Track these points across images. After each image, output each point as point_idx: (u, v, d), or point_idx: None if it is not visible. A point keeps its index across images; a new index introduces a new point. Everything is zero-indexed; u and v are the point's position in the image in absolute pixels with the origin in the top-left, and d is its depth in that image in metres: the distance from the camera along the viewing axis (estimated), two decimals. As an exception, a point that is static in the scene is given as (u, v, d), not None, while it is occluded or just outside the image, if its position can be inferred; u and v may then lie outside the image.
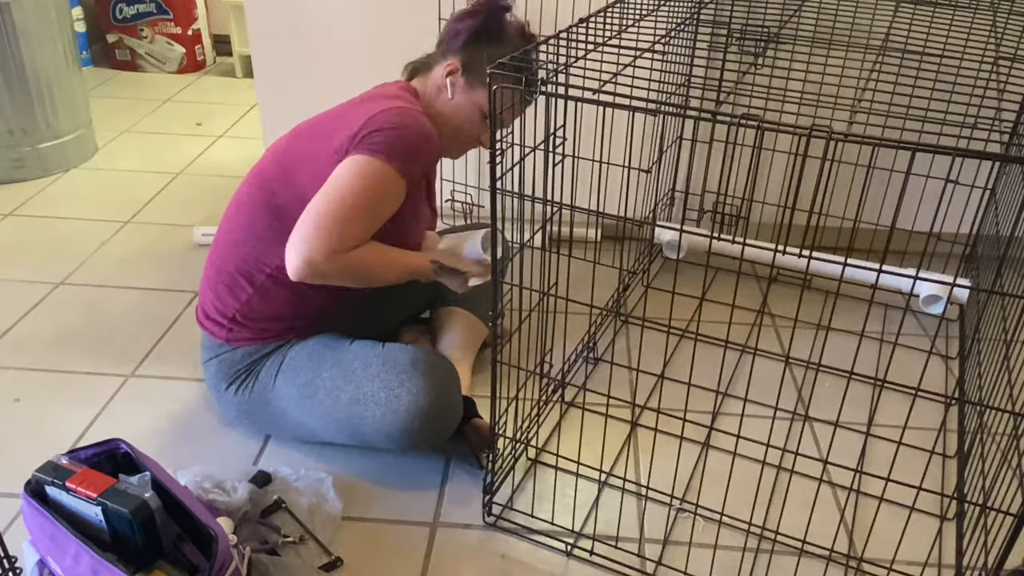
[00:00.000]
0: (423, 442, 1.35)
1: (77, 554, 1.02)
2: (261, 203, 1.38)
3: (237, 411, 1.47)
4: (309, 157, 1.34)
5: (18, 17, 2.41)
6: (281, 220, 1.36)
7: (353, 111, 1.35)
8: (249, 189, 1.41)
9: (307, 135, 1.38)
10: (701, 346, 1.85)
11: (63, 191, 2.51)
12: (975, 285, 1.97)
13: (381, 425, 1.33)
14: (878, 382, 1.75)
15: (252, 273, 1.40)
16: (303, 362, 1.40)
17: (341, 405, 1.36)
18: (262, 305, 1.41)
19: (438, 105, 1.43)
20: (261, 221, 1.37)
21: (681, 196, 2.25)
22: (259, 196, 1.38)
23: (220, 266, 1.43)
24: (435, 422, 1.33)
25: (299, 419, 1.41)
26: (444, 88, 1.42)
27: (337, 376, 1.36)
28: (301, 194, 1.33)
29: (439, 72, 1.43)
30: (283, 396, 1.41)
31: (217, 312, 1.43)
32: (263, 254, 1.38)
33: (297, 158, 1.36)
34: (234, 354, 1.43)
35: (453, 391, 1.36)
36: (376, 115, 1.30)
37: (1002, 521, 1.19)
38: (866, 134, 0.90)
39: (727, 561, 1.30)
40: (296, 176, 1.35)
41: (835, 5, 1.98)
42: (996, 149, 2.12)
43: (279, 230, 1.36)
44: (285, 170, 1.36)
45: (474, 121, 1.44)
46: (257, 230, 1.38)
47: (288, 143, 1.40)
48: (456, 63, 1.41)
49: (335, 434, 1.40)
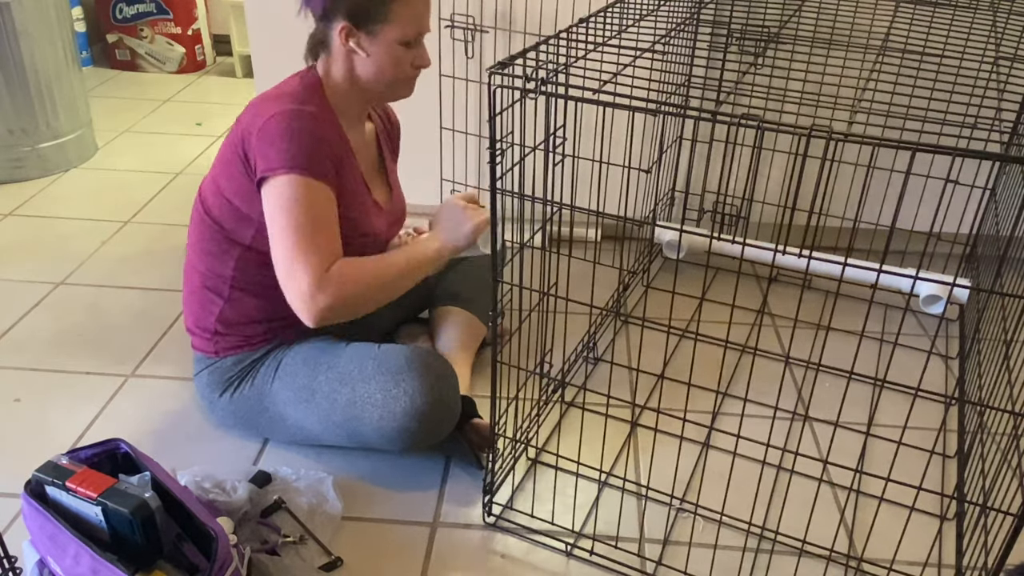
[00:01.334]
0: (421, 442, 1.35)
1: (77, 554, 1.02)
2: (199, 217, 1.41)
3: (233, 417, 1.47)
4: (223, 165, 1.37)
5: (18, 17, 2.41)
6: (218, 229, 1.39)
7: (247, 115, 1.35)
8: (194, 207, 1.44)
9: (224, 142, 1.41)
10: (701, 346, 1.85)
11: (63, 191, 2.51)
12: (975, 285, 1.97)
13: (379, 426, 1.33)
14: (878, 382, 1.75)
15: (216, 285, 1.42)
16: (299, 366, 1.40)
17: (338, 408, 1.36)
18: (236, 314, 1.43)
19: (359, 69, 1.37)
20: (204, 234, 1.41)
21: (681, 196, 2.25)
22: (197, 211, 1.42)
23: (189, 284, 1.47)
24: (433, 422, 1.33)
25: (297, 422, 1.42)
26: (353, 51, 1.35)
27: (333, 379, 1.36)
28: (227, 203, 1.36)
29: (337, 41, 1.35)
30: (280, 400, 1.41)
31: (198, 327, 1.46)
32: (217, 266, 1.41)
33: (216, 168, 1.39)
34: (223, 363, 1.45)
35: (450, 391, 1.36)
36: (260, 129, 1.30)
37: (1002, 521, 1.19)
38: (866, 134, 0.90)
39: (727, 561, 1.30)
40: (218, 181, 1.37)
41: (835, 5, 1.98)
42: (996, 149, 2.11)
43: (219, 239, 1.39)
44: (211, 182, 1.39)
45: (400, 60, 1.36)
46: (204, 244, 1.41)
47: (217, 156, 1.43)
48: (344, 23, 1.33)
49: (333, 436, 1.40)
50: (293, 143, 1.27)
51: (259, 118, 1.30)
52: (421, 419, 1.32)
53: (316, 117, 1.31)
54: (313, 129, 1.30)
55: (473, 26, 2.01)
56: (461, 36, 2.02)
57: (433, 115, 2.12)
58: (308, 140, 1.28)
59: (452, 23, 2.00)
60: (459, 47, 2.04)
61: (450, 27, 2.01)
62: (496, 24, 2.01)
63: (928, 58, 1.88)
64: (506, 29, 2.02)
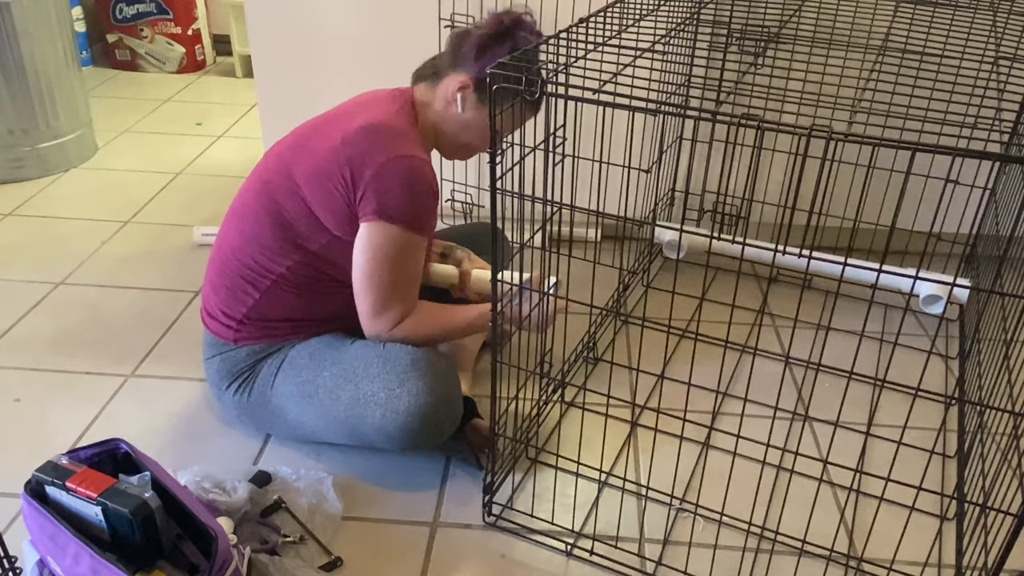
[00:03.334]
0: (424, 442, 1.35)
1: (77, 554, 1.02)
2: (265, 212, 1.38)
3: (237, 410, 1.47)
4: (314, 176, 1.35)
5: (18, 17, 2.41)
6: (287, 229, 1.38)
7: (362, 141, 1.33)
8: (252, 196, 1.41)
9: (308, 144, 1.38)
10: (701, 346, 1.85)
11: (63, 191, 2.51)
12: (975, 285, 1.97)
13: (381, 425, 1.33)
14: (878, 382, 1.75)
15: (256, 279, 1.40)
16: (304, 361, 1.40)
17: (341, 405, 1.36)
18: (269, 308, 1.41)
19: (445, 116, 1.42)
20: (266, 230, 1.38)
21: (681, 196, 2.25)
22: (263, 204, 1.39)
23: (223, 270, 1.43)
24: (435, 422, 1.33)
25: (298, 418, 1.42)
26: (453, 102, 1.40)
27: (337, 375, 1.36)
28: (308, 211, 1.36)
29: (450, 85, 1.39)
30: (282, 394, 1.41)
31: (223, 314, 1.44)
32: (268, 261, 1.39)
33: (302, 174, 1.36)
34: (238, 353, 1.43)
35: (453, 391, 1.36)
36: (381, 167, 1.30)
37: (1002, 521, 1.19)
38: (866, 134, 0.90)
39: (727, 561, 1.30)
40: (301, 192, 1.36)
41: (835, 5, 1.98)
42: (996, 149, 2.12)
43: (283, 238, 1.38)
44: (290, 183, 1.37)
45: (483, 137, 1.43)
46: (262, 238, 1.39)
47: (291, 152, 1.39)
48: (468, 79, 1.38)
49: (335, 434, 1.40)
50: (415, 203, 1.32)
51: (378, 154, 1.31)
52: (424, 419, 1.32)
53: (430, 168, 1.35)
54: (430, 185, 1.34)
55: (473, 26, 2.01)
56: (461, 36, 2.02)
57: (433, 115, 2.12)
58: (427, 199, 1.33)
59: (452, 23, 2.00)
60: (459, 47, 2.04)
61: (450, 27, 2.01)
62: (496, 24, 2.01)
63: (928, 58, 1.88)
64: (506, 29, 2.01)
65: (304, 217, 1.36)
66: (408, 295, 1.38)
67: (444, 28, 2.01)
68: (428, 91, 1.43)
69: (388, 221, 1.32)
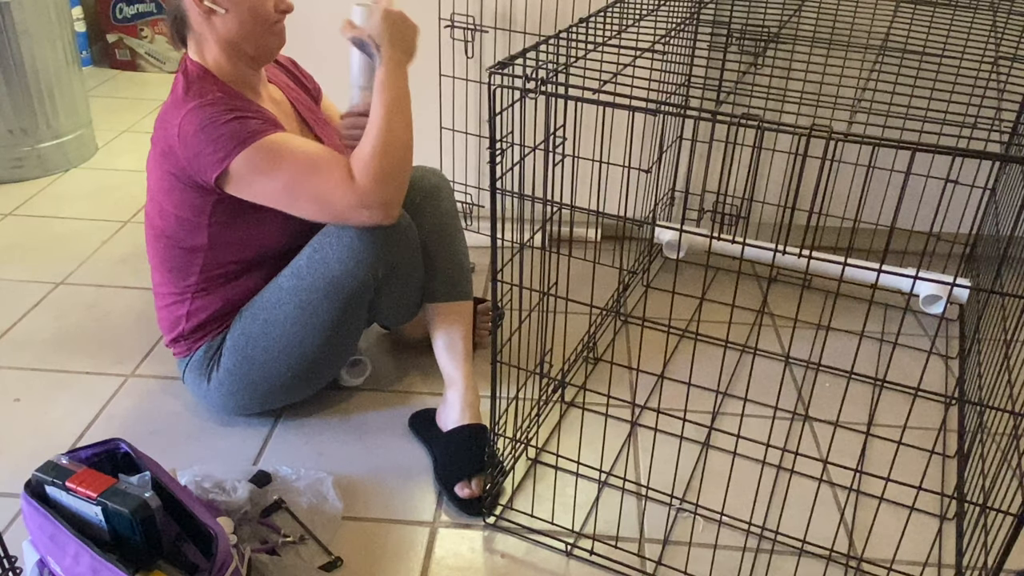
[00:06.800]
0: (390, 265, 1.40)
1: (77, 554, 1.02)
2: (153, 240, 1.45)
3: (225, 395, 1.50)
4: (157, 187, 1.40)
5: (18, 17, 2.41)
6: (173, 241, 1.42)
7: (158, 134, 1.36)
8: (146, 239, 1.48)
9: (149, 166, 1.43)
10: (701, 346, 1.85)
11: (63, 191, 2.51)
12: (975, 285, 1.97)
13: (342, 246, 1.37)
14: (878, 382, 1.75)
15: (180, 300, 1.47)
16: (257, 297, 1.46)
17: (303, 271, 1.40)
18: (199, 318, 1.47)
19: (224, 31, 1.35)
20: (163, 253, 1.44)
21: (681, 196, 2.25)
22: (152, 236, 1.45)
23: (158, 308, 1.52)
24: (394, 239, 1.38)
25: (277, 345, 1.44)
26: (211, 10, 1.33)
27: (287, 276, 1.42)
28: (173, 215, 1.39)
29: (193, 13, 1.33)
30: (255, 331, 1.44)
31: (171, 340, 1.51)
32: (181, 280, 1.45)
33: (152, 190, 1.42)
34: (197, 355, 1.49)
35: (404, 219, 1.42)
36: (179, 137, 1.30)
37: (1002, 521, 1.19)
38: (866, 134, 0.90)
39: (727, 561, 1.30)
40: (160, 203, 1.40)
41: (835, 5, 1.98)
42: (996, 149, 2.12)
43: (179, 251, 1.42)
44: (153, 202, 1.42)
45: (258, 7, 1.35)
46: (166, 263, 1.45)
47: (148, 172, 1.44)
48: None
49: (311, 316, 1.42)
50: (219, 129, 1.28)
51: (171, 129, 1.31)
52: (384, 232, 1.37)
53: (222, 98, 1.32)
54: (226, 104, 1.31)
55: (473, 26, 2.01)
56: (461, 36, 2.02)
57: (433, 115, 2.12)
58: (229, 116, 1.29)
59: (452, 23, 2.00)
60: (459, 47, 2.04)
61: (450, 27, 2.01)
62: (496, 24, 2.01)
63: (928, 58, 1.88)
64: (506, 29, 2.02)
65: (177, 224, 1.39)
66: (330, 162, 1.31)
67: (444, 28, 2.01)
68: (195, 43, 1.38)
69: (228, 162, 1.28)
